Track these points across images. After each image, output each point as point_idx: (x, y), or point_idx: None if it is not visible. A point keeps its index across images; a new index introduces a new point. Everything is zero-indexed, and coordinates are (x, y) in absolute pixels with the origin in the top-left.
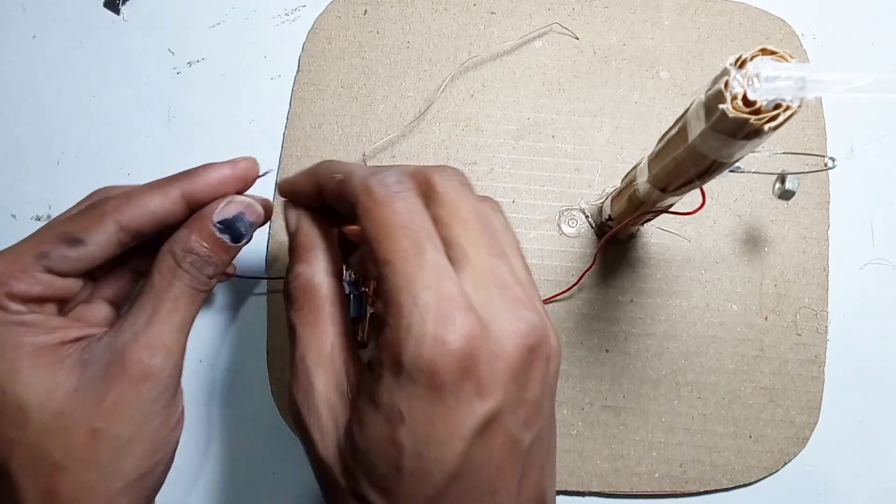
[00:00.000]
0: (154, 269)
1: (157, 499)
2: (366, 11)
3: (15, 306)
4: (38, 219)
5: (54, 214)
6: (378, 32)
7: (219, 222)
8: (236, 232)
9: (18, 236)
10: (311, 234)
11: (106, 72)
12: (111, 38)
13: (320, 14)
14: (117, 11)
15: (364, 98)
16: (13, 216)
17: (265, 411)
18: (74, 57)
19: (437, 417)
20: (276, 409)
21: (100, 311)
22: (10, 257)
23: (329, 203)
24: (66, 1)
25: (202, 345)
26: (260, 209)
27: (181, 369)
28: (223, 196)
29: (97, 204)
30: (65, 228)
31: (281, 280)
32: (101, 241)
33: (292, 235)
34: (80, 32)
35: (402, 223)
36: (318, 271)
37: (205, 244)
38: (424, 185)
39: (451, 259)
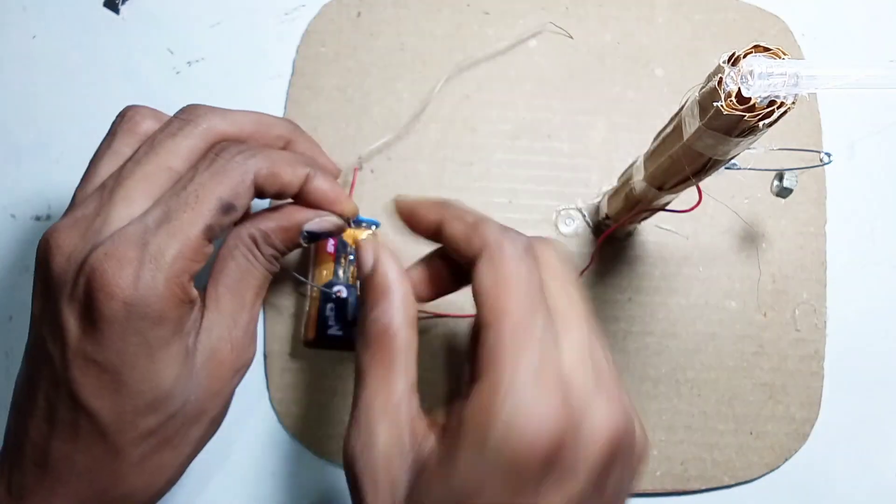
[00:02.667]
0: (236, 251)
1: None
2: (359, 14)
3: (191, 288)
4: (38, 219)
5: (54, 214)
6: (372, 34)
7: (307, 231)
8: (316, 238)
9: (18, 236)
10: (392, 277)
11: (106, 72)
12: (111, 38)
13: (314, 17)
14: (117, 11)
15: (359, 100)
16: (13, 216)
17: (265, 411)
18: (74, 57)
19: (511, 499)
20: (276, 414)
21: None
22: (182, 238)
23: (442, 240)
24: (66, 1)
25: None
26: (344, 229)
27: None
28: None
29: (239, 163)
30: (220, 195)
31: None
32: (245, 205)
33: (370, 274)
34: (80, 32)
35: (523, 284)
36: (396, 317)
37: (284, 242)
38: (538, 254)
39: (556, 330)
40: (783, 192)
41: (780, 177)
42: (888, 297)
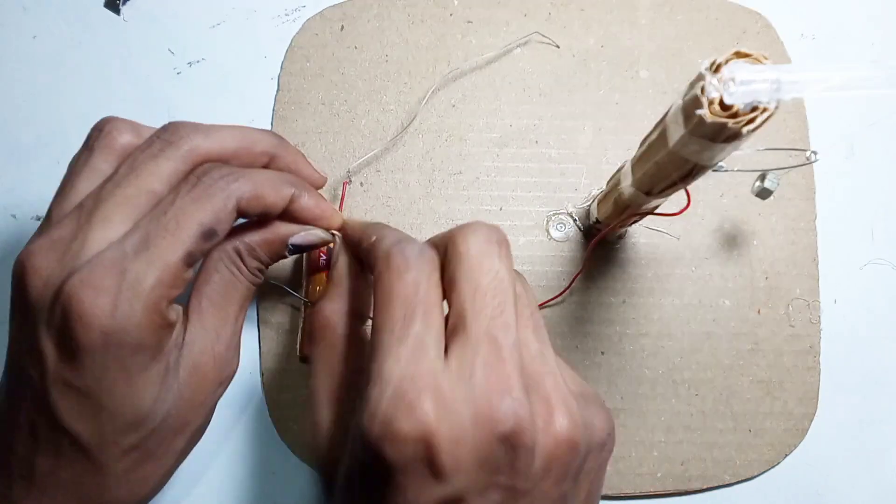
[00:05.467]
0: (220, 264)
1: (157, 499)
2: (342, 27)
3: (171, 312)
4: (38, 219)
5: None
6: (356, 47)
7: (292, 244)
8: (298, 251)
9: (18, 236)
10: (343, 274)
11: (106, 72)
12: (111, 38)
13: (297, 32)
14: (117, 11)
15: (346, 114)
16: (13, 216)
17: (265, 411)
18: (74, 57)
19: (388, 494)
20: (276, 430)
21: None
22: (161, 265)
23: (363, 260)
24: (66, 1)
25: None
26: (328, 243)
27: None
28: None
29: (222, 188)
30: (201, 220)
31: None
32: (226, 229)
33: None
34: (80, 32)
35: (402, 294)
36: (337, 309)
37: (268, 254)
38: (449, 246)
39: (450, 326)
40: (763, 193)
41: (762, 178)
42: (890, 304)
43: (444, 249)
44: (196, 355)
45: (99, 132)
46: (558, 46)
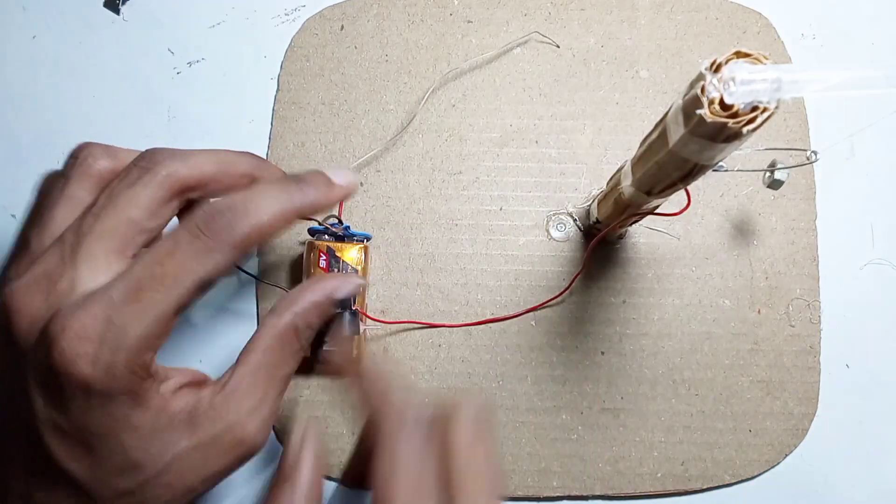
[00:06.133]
0: (274, 342)
1: None
2: (342, 27)
3: (154, 366)
4: None
5: None
6: (356, 47)
7: (339, 298)
8: (343, 306)
9: None
10: (302, 468)
11: (106, 72)
12: (111, 38)
13: (296, 32)
14: (117, 11)
15: (346, 114)
16: (13, 216)
17: None
18: (74, 57)
19: None
20: (274, 432)
21: None
22: (151, 318)
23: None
24: (66, 1)
25: (202, 345)
26: (362, 288)
27: None
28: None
29: (227, 237)
30: (201, 275)
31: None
32: (223, 276)
33: (286, 455)
34: (80, 32)
35: (410, 479)
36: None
37: (320, 321)
38: (447, 433)
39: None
40: (775, 185)
41: (772, 169)
42: (890, 304)
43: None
44: (217, 432)
45: (74, 160)
46: (558, 46)
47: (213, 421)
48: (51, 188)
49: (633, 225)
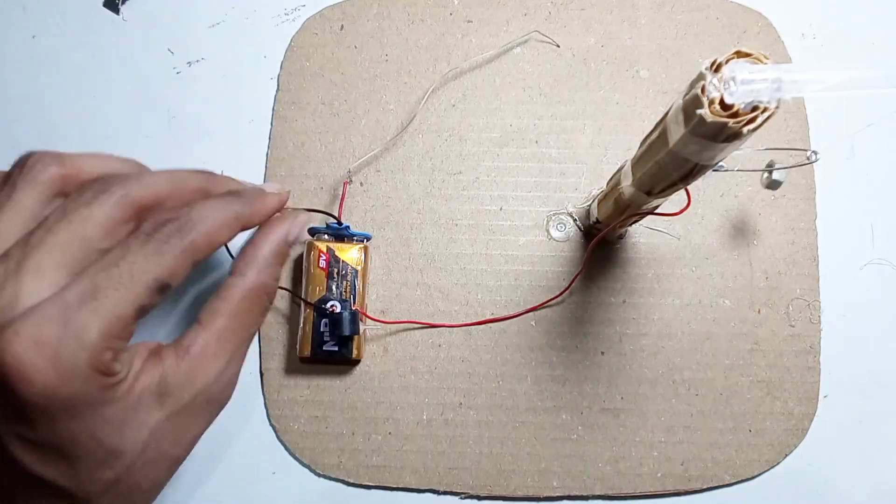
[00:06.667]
0: (242, 301)
1: (159, 499)
2: (342, 27)
3: (116, 366)
4: None
5: None
6: (356, 47)
7: (292, 243)
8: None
9: None
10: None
11: (106, 72)
12: (111, 38)
13: (296, 32)
14: (117, 11)
15: (346, 114)
16: None
17: (263, 428)
18: (74, 57)
19: None
20: (274, 431)
21: None
22: (110, 317)
23: None
24: (66, 1)
25: None
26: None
27: None
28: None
29: (179, 240)
30: (157, 275)
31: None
32: (180, 281)
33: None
34: (80, 32)
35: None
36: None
37: (281, 265)
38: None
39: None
40: (773, 185)
41: (770, 170)
42: (890, 304)
43: None
44: (187, 397)
45: (21, 167)
46: (558, 46)
47: (183, 388)
48: None
49: (633, 225)
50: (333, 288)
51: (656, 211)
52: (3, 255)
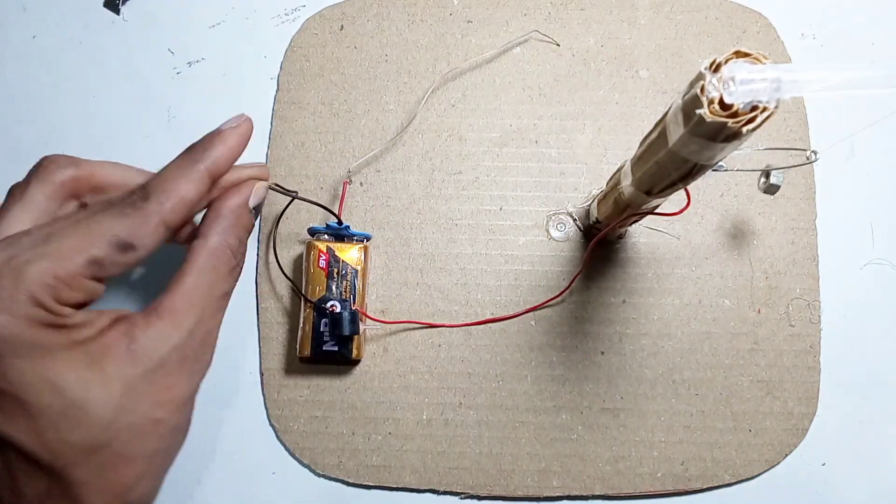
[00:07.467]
0: (207, 260)
1: (160, 499)
2: (342, 27)
3: (64, 310)
4: None
5: None
6: (356, 47)
7: (253, 208)
8: (257, 214)
9: None
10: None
11: (106, 72)
12: (111, 38)
13: (296, 32)
14: (117, 11)
15: (345, 114)
16: None
17: (263, 428)
18: (74, 57)
19: None
20: (274, 430)
21: None
22: (57, 258)
23: None
24: (66, 1)
25: None
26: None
27: None
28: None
29: (143, 203)
30: (117, 232)
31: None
32: (150, 244)
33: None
34: (80, 32)
35: None
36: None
37: (247, 232)
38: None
39: None
40: (770, 189)
41: (766, 174)
42: (890, 304)
43: None
44: (162, 353)
45: (38, 167)
46: (558, 45)
47: (154, 345)
48: (12, 192)
49: (633, 225)
50: (333, 288)
51: (656, 211)
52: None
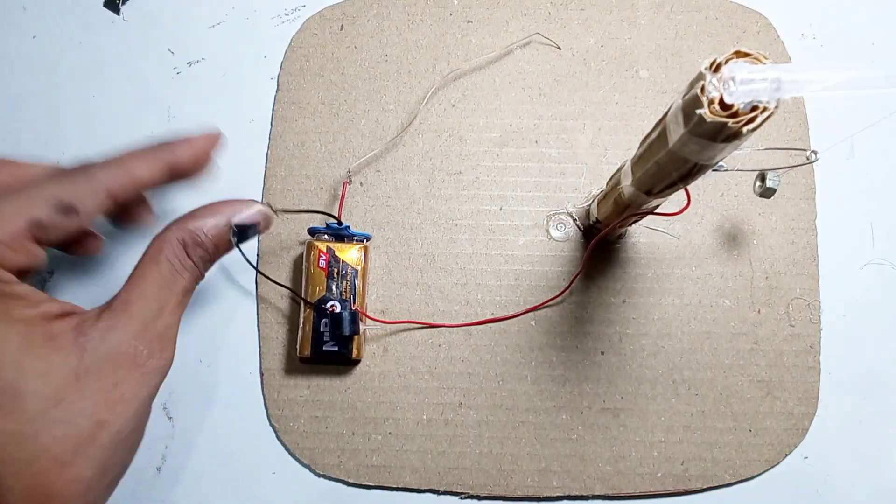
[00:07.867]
0: (160, 255)
1: (159, 498)
2: (342, 27)
3: (5, 275)
4: None
5: None
6: (356, 47)
7: (235, 225)
8: (245, 237)
9: None
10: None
11: (106, 72)
12: (111, 38)
13: (296, 32)
14: (117, 11)
15: (345, 114)
16: None
17: (263, 428)
18: (74, 57)
19: None
20: (274, 431)
21: None
22: None
23: None
24: (66, 1)
25: (202, 344)
26: (271, 220)
27: None
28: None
29: (88, 169)
30: (58, 193)
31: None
32: (92, 209)
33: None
34: (80, 32)
35: None
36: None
37: (214, 242)
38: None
39: None
40: (767, 193)
41: (762, 177)
42: (890, 304)
43: None
44: (112, 345)
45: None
46: (559, 47)
47: (103, 337)
48: None
49: (633, 225)
50: (333, 288)
51: (656, 211)
52: None
